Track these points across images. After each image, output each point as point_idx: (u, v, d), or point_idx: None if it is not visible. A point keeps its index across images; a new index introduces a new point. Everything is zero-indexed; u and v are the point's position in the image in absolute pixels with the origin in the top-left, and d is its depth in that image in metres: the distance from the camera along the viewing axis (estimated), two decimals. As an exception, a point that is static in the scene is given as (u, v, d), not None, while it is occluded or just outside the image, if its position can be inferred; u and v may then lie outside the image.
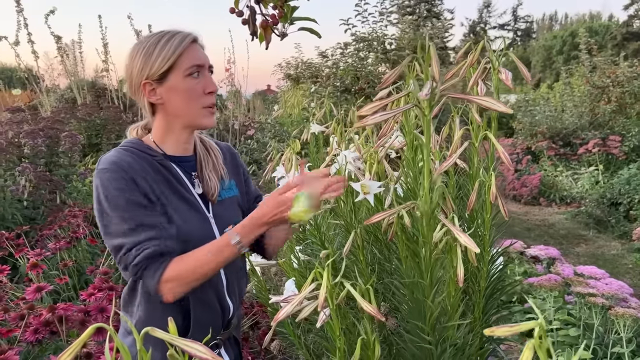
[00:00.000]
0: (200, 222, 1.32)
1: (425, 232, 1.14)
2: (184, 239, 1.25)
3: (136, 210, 1.20)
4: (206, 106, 1.31)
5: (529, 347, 0.66)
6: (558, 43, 37.97)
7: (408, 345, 1.23)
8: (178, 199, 1.30)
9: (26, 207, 4.00)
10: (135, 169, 1.24)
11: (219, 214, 1.37)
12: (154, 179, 1.27)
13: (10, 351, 1.76)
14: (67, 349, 0.76)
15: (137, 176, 1.23)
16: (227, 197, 1.44)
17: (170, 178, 1.31)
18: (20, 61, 8.07)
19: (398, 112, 1.03)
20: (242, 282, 1.49)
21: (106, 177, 1.21)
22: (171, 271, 1.19)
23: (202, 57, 1.31)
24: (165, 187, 1.29)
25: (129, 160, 1.25)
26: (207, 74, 1.32)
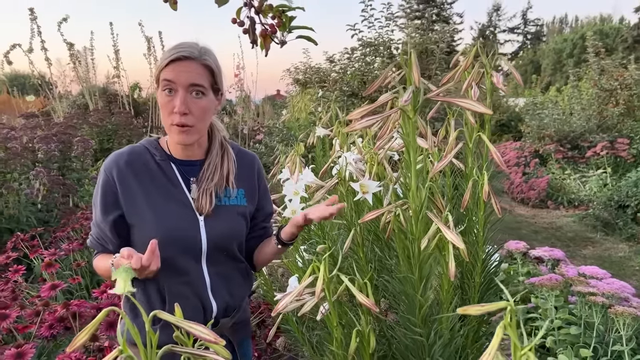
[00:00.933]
0: (187, 223, 1.40)
1: (414, 229, 1.20)
2: (165, 233, 1.35)
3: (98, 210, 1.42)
4: (173, 124, 1.36)
5: (501, 326, 0.73)
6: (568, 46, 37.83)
7: (401, 338, 1.29)
8: (164, 198, 1.40)
9: (40, 210, 4.11)
10: (123, 164, 1.40)
11: (212, 217, 1.43)
12: (142, 179, 1.41)
13: (27, 345, 1.84)
14: (83, 329, 0.84)
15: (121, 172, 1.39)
16: (228, 204, 1.47)
17: (164, 179, 1.42)
18: (33, 68, 8.24)
19: (383, 116, 1.10)
20: (233, 285, 1.50)
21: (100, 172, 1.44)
22: (94, 263, 1.47)
23: (178, 75, 1.32)
24: (155, 187, 1.41)
25: (124, 159, 1.41)
26: (181, 93, 1.33)
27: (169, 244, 1.34)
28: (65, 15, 8.18)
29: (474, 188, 1.51)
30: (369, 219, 1.30)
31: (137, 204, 1.39)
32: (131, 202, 1.39)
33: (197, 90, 1.35)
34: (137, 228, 1.40)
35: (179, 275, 1.38)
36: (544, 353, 2.70)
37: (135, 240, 1.41)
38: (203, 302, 1.42)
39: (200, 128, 1.40)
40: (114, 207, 1.39)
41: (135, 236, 1.41)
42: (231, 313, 1.49)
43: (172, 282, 1.39)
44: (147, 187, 1.40)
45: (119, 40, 9.10)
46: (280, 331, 2.47)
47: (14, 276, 2.62)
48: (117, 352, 0.81)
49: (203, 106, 1.37)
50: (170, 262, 1.35)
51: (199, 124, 1.38)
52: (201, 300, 1.42)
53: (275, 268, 3.22)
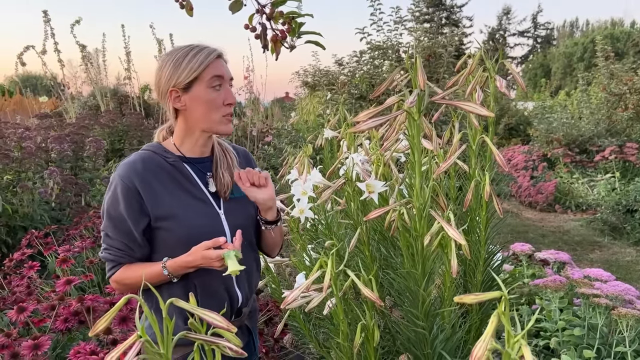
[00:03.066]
0: (210, 218, 1.47)
1: (418, 227, 1.25)
2: (192, 231, 1.41)
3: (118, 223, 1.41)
4: (224, 115, 1.46)
5: (495, 315, 0.78)
6: (579, 50, 37.63)
7: (403, 331, 1.34)
8: (188, 197, 1.46)
9: (53, 209, 4.19)
10: (141, 172, 1.42)
11: (229, 211, 1.50)
12: (162, 180, 1.44)
13: (43, 337, 1.91)
14: (102, 316, 0.89)
15: (143, 180, 1.41)
16: (239, 196, 1.53)
17: (181, 179, 1.47)
18: (46, 69, 8.37)
19: (389, 117, 1.15)
20: (252, 277, 1.59)
21: (115, 182, 1.41)
22: (118, 276, 1.44)
23: (225, 71, 1.45)
24: (176, 186, 1.45)
25: (140, 166, 1.43)
26: (228, 87, 1.46)
27: (198, 241, 1.37)
28: (78, 17, 8.30)
29: (477, 189, 1.55)
30: (374, 216, 1.35)
31: (164, 206, 1.42)
32: (158, 205, 1.41)
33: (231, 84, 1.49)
34: (164, 231, 1.43)
35: (208, 270, 1.40)
36: (548, 354, 2.73)
37: (164, 241, 1.44)
38: (230, 294, 1.49)
39: None
40: (142, 215, 1.41)
41: (163, 237, 1.44)
42: (249, 302, 1.58)
43: (202, 278, 1.44)
44: (169, 187, 1.44)
45: (130, 42, 9.22)
46: (288, 328, 2.52)
47: (29, 272, 2.69)
48: (135, 337, 0.86)
49: None
50: None
51: None
52: (229, 292, 1.49)
53: (283, 267, 3.28)
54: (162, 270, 1.38)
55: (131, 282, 1.44)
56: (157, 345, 0.86)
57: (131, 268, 1.43)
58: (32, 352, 1.85)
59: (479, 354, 0.73)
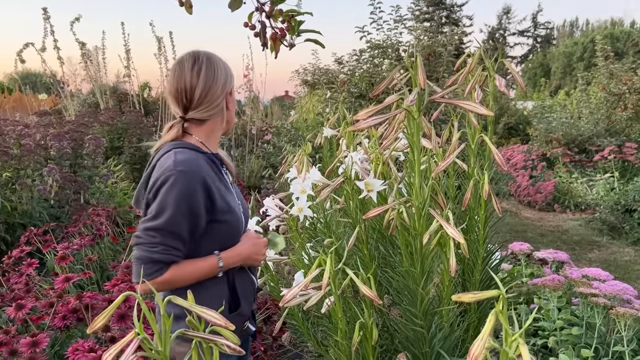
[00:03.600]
0: (243, 210, 1.61)
1: (417, 225, 1.25)
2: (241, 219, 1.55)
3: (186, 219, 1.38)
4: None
5: (493, 314, 0.78)
6: (578, 50, 37.60)
7: (402, 329, 1.34)
8: (230, 191, 1.57)
9: (52, 206, 4.19)
10: (205, 169, 1.45)
11: (242, 202, 1.65)
12: (216, 177, 1.51)
13: (41, 334, 1.91)
14: (101, 313, 0.89)
15: (208, 176, 1.44)
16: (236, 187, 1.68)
17: (219, 173, 1.55)
18: (46, 67, 8.36)
19: (388, 116, 1.15)
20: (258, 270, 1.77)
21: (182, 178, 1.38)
22: (170, 276, 1.39)
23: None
24: (220, 182, 1.53)
25: (202, 162, 1.46)
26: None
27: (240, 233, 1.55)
28: (77, 14, 8.28)
29: (475, 188, 1.55)
30: (373, 215, 1.35)
31: (224, 201, 1.48)
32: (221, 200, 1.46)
33: None
34: (220, 223, 1.47)
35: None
36: (546, 353, 2.73)
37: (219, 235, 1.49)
38: (253, 273, 1.62)
39: None
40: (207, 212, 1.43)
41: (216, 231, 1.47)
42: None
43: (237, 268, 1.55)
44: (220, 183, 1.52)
45: (130, 39, 9.21)
46: (286, 327, 2.52)
47: (28, 269, 2.69)
48: (133, 334, 0.87)
49: None
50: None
51: None
52: (252, 274, 1.62)
53: (281, 266, 3.28)
54: (217, 263, 1.45)
55: (182, 280, 1.41)
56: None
57: (182, 266, 1.41)
58: (30, 349, 1.85)
59: (476, 352, 0.73)
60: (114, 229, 3.65)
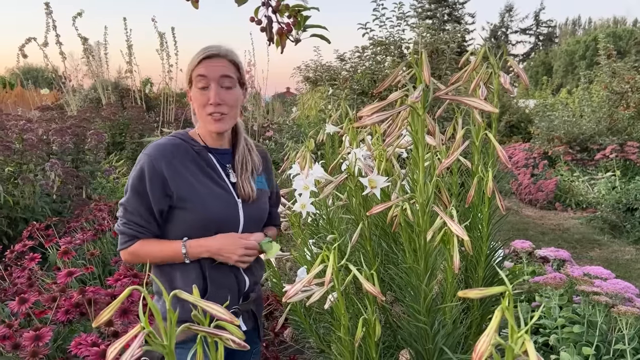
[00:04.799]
0: (228, 205, 1.56)
1: (421, 222, 1.25)
2: (209, 214, 1.51)
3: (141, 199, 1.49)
4: (210, 114, 1.52)
5: (499, 310, 0.78)
6: (581, 48, 37.54)
7: (405, 326, 1.34)
8: (210, 182, 1.54)
9: (54, 201, 4.20)
10: (169, 155, 1.51)
11: (247, 203, 1.60)
12: (187, 165, 1.52)
13: (44, 328, 1.91)
14: (106, 308, 0.89)
15: (170, 163, 1.49)
16: (258, 188, 1.64)
17: (205, 166, 1.55)
18: (48, 62, 8.35)
19: (393, 112, 1.15)
20: (257, 263, 1.67)
21: (143, 161, 1.50)
22: (134, 248, 1.52)
23: (210, 70, 1.50)
24: (200, 171, 1.54)
25: (169, 149, 1.52)
26: (214, 87, 1.50)
27: (214, 225, 1.51)
28: (80, 10, 8.28)
29: (479, 185, 1.55)
30: (377, 211, 1.35)
31: (187, 187, 1.50)
32: (181, 186, 1.49)
33: (228, 83, 1.52)
34: (184, 211, 1.51)
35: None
36: (547, 351, 2.73)
37: (183, 221, 1.52)
38: (238, 278, 1.57)
39: (233, 116, 1.57)
40: (163, 195, 1.49)
41: (183, 217, 1.51)
42: (255, 288, 1.66)
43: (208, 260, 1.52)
44: (193, 171, 1.53)
45: (132, 35, 9.19)
46: (288, 322, 2.52)
47: (30, 264, 2.70)
48: (139, 328, 0.87)
49: (233, 97, 1.55)
50: None
51: (232, 112, 1.56)
52: (236, 277, 1.56)
53: (283, 262, 3.28)
54: (181, 249, 1.48)
55: (146, 256, 1.52)
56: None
57: (148, 243, 1.52)
58: (33, 343, 1.86)
59: (482, 348, 0.73)
60: (116, 224, 3.66)
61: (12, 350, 1.87)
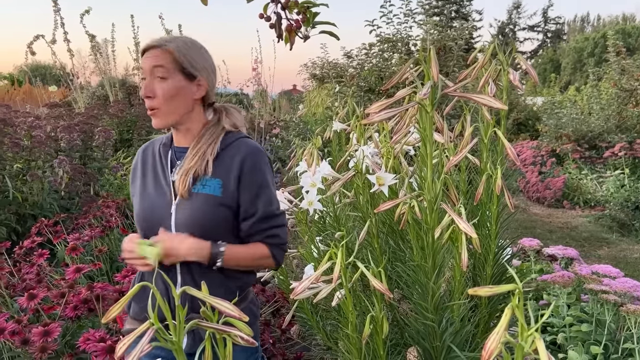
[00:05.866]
0: (160, 205, 1.44)
1: (429, 219, 1.25)
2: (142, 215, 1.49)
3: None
4: (147, 108, 1.43)
5: (509, 308, 0.77)
6: (589, 45, 37.28)
7: (412, 323, 1.34)
8: (153, 182, 1.50)
9: (62, 198, 4.22)
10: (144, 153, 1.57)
11: (182, 205, 1.42)
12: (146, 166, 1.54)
13: (53, 324, 1.92)
14: (115, 304, 0.90)
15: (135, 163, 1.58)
16: (201, 192, 1.42)
17: (158, 164, 1.52)
18: (56, 59, 8.39)
19: (401, 110, 1.14)
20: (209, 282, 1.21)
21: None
22: None
23: (144, 63, 1.42)
24: (152, 172, 1.52)
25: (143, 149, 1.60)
26: (147, 80, 1.41)
27: (146, 225, 1.46)
28: (87, 7, 8.30)
29: (488, 182, 1.55)
30: (384, 208, 1.35)
31: (135, 187, 1.55)
32: (133, 184, 1.57)
33: (160, 73, 1.39)
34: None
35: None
36: (555, 350, 2.72)
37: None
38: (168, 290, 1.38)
39: (167, 111, 1.41)
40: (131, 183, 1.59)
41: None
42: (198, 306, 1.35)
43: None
44: (146, 172, 1.53)
45: (140, 32, 9.22)
46: (295, 320, 2.53)
47: (39, 260, 2.71)
48: (147, 324, 0.87)
49: (166, 88, 1.39)
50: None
51: (165, 107, 1.40)
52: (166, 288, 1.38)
53: (290, 259, 3.28)
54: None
55: None
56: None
57: None
58: (42, 338, 1.87)
59: (492, 346, 0.72)
60: (124, 221, 3.67)
61: (22, 345, 1.88)
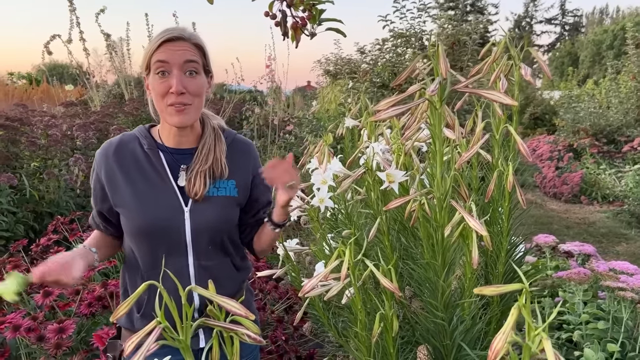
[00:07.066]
0: (171, 212, 1.38)
1: (438, 217, 1.24)
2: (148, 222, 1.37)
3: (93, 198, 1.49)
4: (170, 104, 1.34)
5: (516, 307, 0.76)
6: (608, 37, 36.61)
7: (422, 322, 1.33)
8: (151, 187, 1.39)
9: (78, 196, 4.28)
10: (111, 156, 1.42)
11: (198, 209, 1.40)
12: (128, 169, 1.40)
13: (68, 321, 1.95)
14: (123, 302, 0.91)
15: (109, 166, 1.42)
16: (217, 195, 1.43)
17: (150, 168, 1.41)
18: (72, 58, 8.49)
19: (409, 106, 1.13)
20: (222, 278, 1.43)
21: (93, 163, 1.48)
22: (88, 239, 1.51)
23: (172, 55, 1.32)
24: (140, 176, 1.40)
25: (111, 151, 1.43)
26: (176, 73, 1.32)
27: (152, 234, 1.36)
28: (102, 6, 8.37)
29: (499, 179, 1.53)
30: (394, 206, 1.34)
31: (122, 195, 1.39)
32: (116, 194, 1.40)
33: (192, 68, 1.35)
34: (124, 217, 1.41)
35: (158, 266, 1.32)
36: (571, 347, 2.69)
37: (124, 227, 1.43)
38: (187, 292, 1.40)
39: (197, 107, 1.39)
40: (103, 200, 1.44)
41: (123, 222, 1.42)
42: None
43: (152, 273, 1.38)
44: (133, 176, 1.39)
45: (154, 31, 9.28)
46: (307, 317, 2.53)
47: (55, 257, 2.74)
48: (155, 322, 0.87)
49: (198, 84, 1.37)
50: (153, 252, 1.39)
51: (196, 103, 1.38)
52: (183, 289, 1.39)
53: (303, 256, 3.29)
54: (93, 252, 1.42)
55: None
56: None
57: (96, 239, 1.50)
58: (57, 335, 1.89)
59: (498, 346, 0.72)
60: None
61: (37, 342, 1.91)
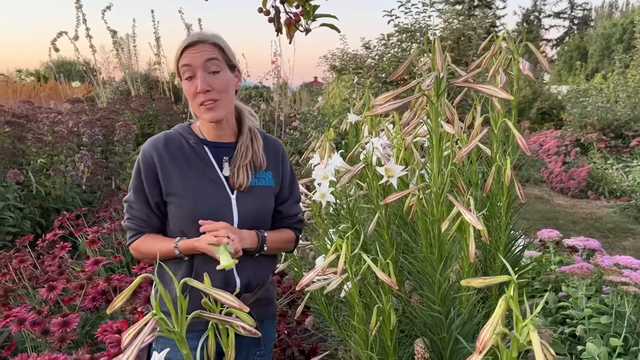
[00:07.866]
0: (219, 201, 1.51)
1: (435, 211, 1.24)
2: (199, 211, 1.47)
3: (139, 193, 1.52)
4: (201, 103, 1.48)
5: (504, 299, 0.77)
6: (618, 31, 36.20)
7: (420, 315, 1.34)
8: (201, 178, 1.52)
9: (84, 192, 4.31)
10: (162, 149, 1.51)
11: (243, 197, 1.54)
12: (179, 161, 1.51)
13: (72, 315, 1.97)
14: (119, 295, 0.92)
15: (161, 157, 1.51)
16: (258, 185, 1.58)
17: (198, 161, 1.53)
18: (79, 55, 8.54)
19: (406, 100, 1.14)
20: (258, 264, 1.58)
21: (139, 156, 1.55)
22: (136, 244, 1.54)
23: (193, 58, 1.46)
24: (190, 167, 1.52)
25: (161, 144, 1.53)
26: (200, 74, 1.46)
27: (208, 218, 1.46)
28: (109, 3, 8.41)
29: (498, 174, 1.53)
30: (391, 200, 1.34)
31: (175, 185, 1.50)
32: (170, 183, 1.50)
33: (214, 66, 1.47)
34: (175, 206, 1.51)
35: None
36: (574, 342, 2.69)
37: (175, 216, 1.52)
38: (227, 277, 1.51)
39: (226, 102, 1.51)
40: (156, 188, 1.51)
41: (174, 212, 1.51)
42: (254, 289, 1.57)
43: (204, 258, 1.47)
44: (184, 168, 1.51)
45: (160, 27, 9.31)
46: (310, 311, 2.54)
47: (61, 252, 2.78)
48: (150, 315, 0.89)
49: (222, 80, 1.49)
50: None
51: (223, 98, 1.50)
52: (225, 275, 1.51)
53: (306, 251, 3.30)
54: (174, 250, 1.47)
55: (147, 252, 1.54)
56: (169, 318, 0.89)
57: (150, 239, 1.54)
58: (61, 328, 1.92)
59: (486, 337, 0.73)
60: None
61: (42, 335, 1.94)
